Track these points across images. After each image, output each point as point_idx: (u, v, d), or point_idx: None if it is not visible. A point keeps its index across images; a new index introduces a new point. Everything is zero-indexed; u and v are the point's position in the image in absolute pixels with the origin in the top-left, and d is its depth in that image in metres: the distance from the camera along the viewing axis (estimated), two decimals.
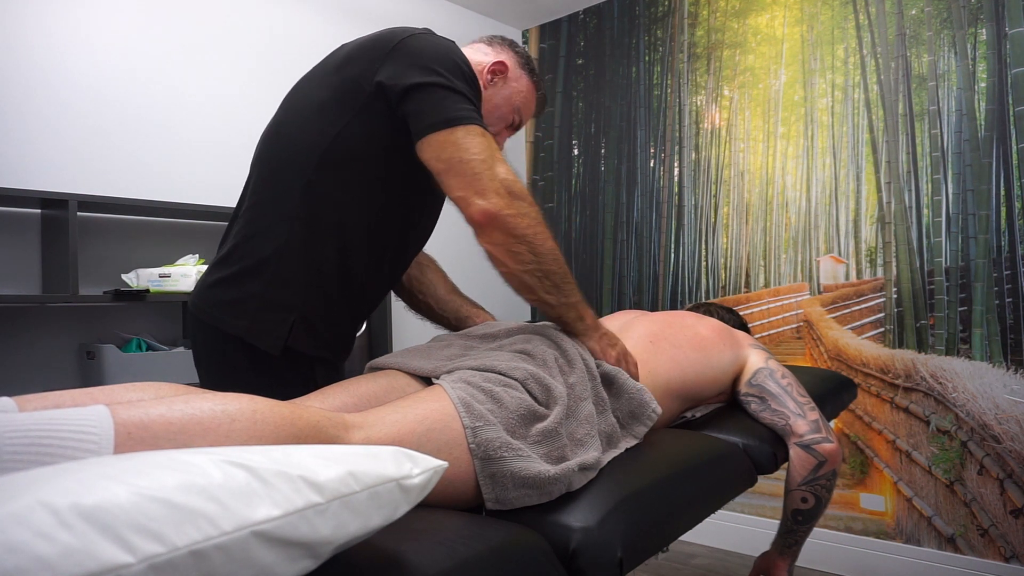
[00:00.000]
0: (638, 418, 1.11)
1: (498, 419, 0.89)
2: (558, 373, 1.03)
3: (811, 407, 1.33)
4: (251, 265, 1.16)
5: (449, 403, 0.89)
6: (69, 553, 0.44)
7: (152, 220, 2.26)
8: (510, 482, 0.87)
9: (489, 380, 0.95)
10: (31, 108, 2.01)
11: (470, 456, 0.86)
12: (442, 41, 1.17)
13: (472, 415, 0.88)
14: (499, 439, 0.87)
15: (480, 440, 0.86)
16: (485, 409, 0.89)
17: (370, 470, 0.63)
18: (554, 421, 0.94)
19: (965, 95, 2.35)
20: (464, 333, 1.25)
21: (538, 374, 0.99)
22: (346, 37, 2.83)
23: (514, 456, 0.87)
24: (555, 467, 0.90)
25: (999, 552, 2.25)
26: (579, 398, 1.02)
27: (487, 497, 0.87)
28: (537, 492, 0.89)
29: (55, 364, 2.04)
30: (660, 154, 3.10)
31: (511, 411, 0.91)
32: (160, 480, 0.51)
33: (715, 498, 1.13)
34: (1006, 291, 2.27)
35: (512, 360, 1.01)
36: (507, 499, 0.88)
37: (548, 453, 0.92)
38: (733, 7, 2.90)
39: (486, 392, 0.92)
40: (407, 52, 1.13)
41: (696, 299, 3.00)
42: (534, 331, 1.16)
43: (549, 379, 0.99)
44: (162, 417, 0.69)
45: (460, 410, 0.88)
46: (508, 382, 0.95)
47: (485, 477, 0.86)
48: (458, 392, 0.91)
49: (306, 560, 0.57)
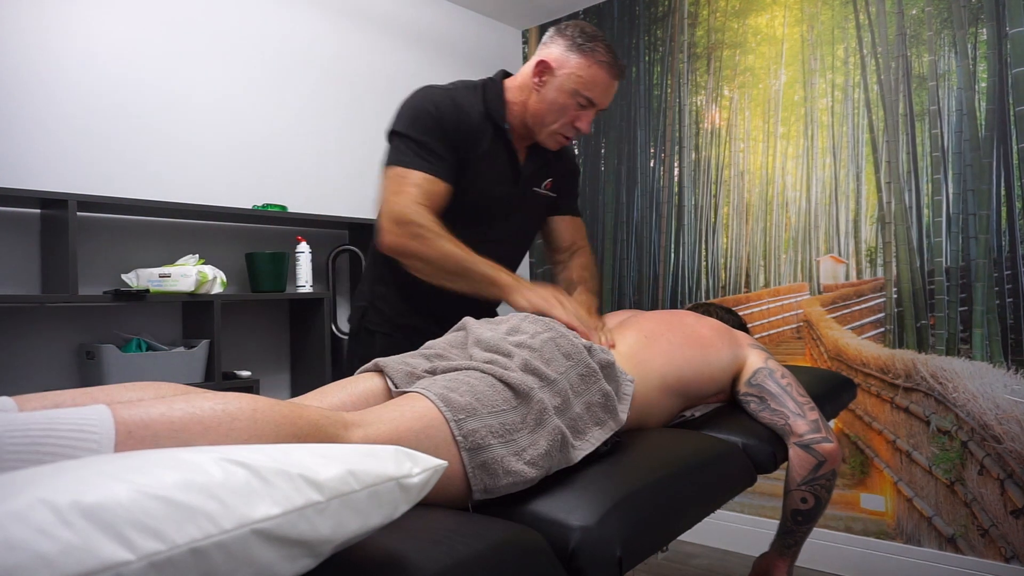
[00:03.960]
0: (611, 375, 1.12)
1: (483, 408, 0.91)
2: (540, 359, 1.05)
3: (811, 407, 1.33)
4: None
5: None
6: (69, 550, 0.44)
7: (152, 220, 2.26)
8: (500, 469, 0.88)
9: (469, 375, 0.97)
10: (31, 108, 2.01)
11: (458, 449, 0.87)
12: (425, 95, 1.44)
13: (453, 408, 0.89)
14: (484, 427, 0.89)
15: (465, 431, 0.87)
16: (465, 401, 0.90)
17: (370, 469, 0.63)
18: (538, 404, 0.96)
19: (965, 95, 2.35)
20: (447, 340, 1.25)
21: (527, 360, 1.01)
22: (346, 37, 2.83)
23: (500, 443, 0.89)
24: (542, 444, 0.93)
25: (999, 552, 2.25)
26: (560, 378, 1.04)
27: (476, 488, 0.88)
28: (523, 479, 0.90)
29: (55, 364, 2.04)
30: (660, 154, 3.10)
31: (492, 399, 0.93)
32: (160, 478, 0.51)
33: (715, 498, 1.13)
34: (1006, 291, 2.27)
35: (494, 348, 1.05)
36: (496, 487, 0.89)
37: (534, 435, 0.94)
38: (733, 7, 2.90)
39: (466, 384, 0.94)
40: (401, 104, 1.46)
41: (696, 299, 3.00)
42: (522, 319, 1.19)
43: (536, 362, 1.02)
44: (163, 416, 0.69)
45: (440, 405, 0.89)
46: (481, 376, 0.97)
47: (475, 467, 0.87)
48: (436, 389, 0.92)
49: (306, 559, 0.57)
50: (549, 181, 1.62)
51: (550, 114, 1.46)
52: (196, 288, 2.08)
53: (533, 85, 1.47)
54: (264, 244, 2.55)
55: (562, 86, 1.43)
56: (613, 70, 1.45)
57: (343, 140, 2.81)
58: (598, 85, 1.44)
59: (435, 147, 1.40)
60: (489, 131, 1.49)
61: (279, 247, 2.58)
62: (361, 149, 2.86)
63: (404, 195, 1.35)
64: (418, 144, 1.39)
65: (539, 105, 1.47)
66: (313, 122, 2.71)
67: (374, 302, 1.57)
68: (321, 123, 2.74)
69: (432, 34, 3.18)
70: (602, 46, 1.43)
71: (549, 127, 1.48)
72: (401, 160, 1.38)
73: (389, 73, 2.99)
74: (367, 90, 2.90)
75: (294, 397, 1.60)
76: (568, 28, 1.45)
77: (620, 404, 1.11)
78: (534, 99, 1.48)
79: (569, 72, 1.42)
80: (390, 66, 2.99)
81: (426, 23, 3.16)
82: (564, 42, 1.43)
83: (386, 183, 1.39)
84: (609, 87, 1.46)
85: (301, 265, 2.47)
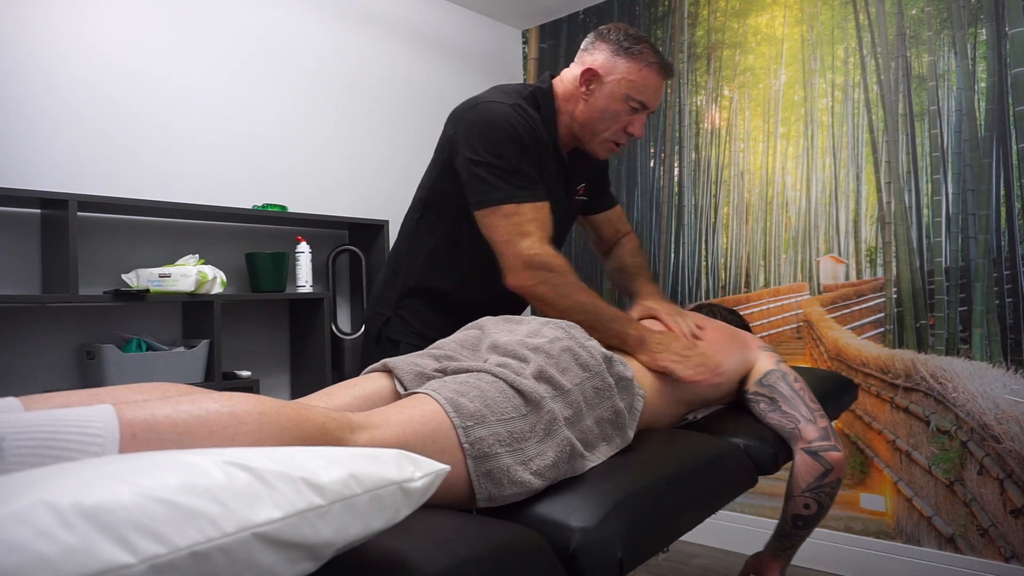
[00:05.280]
0: (626, 389, 1.11)
1: (492, 415, 0.90)
2: (554, 366, 1.03)
3: (821, 414, 1.32)
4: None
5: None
6: (70, 552, 0.44)
7: (152, 220, 2.26)
8: (505, 478, 0.87)
9: (480, 378, 0.95)
10: (31, 108, 2.01)
11: (463, 456, 0.86)
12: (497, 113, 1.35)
13: (461, 414, 0.88)
14: (492, 436, 0.88)
15: (472, 439, 0.87)
16: (474, 407, 0.89)
17: (372, 473, 0.63)
18: (548, 414, 0.95)
19: (965, 95, 2.35)
20: (458, 339, 1.24)
21: (542, 367, 1.00)
22: (346, 38, 2.83)
23: (507, 452, 0.88)
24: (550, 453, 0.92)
25: (999, 552, 2.25)
26: (575, 388, 1.03)
27: (480, 496, 0.87)
28: (528, 489, 0.89)
29: (55, 364, 2.04)
30: (660, 154, 3.10)
31: (502, 406, 0.92)
32: (162, 480, 0.51)
33: (716, 499, 1.13)
34: (1006, 291, 2.27)
35: (510, 353, 1.03)
36: (501, 496, 0.88)
37: (542, 444, 0.93)
38: (733, 7, 2.90)
39: (477, 389, 0.92)
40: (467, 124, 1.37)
41: (696, 299, 3.00)
42: (543, 323, 1.17)
43: (551, 371, 1.00)
44: (168, 418, 0.68)
45: (448, 410, 0.88)
46: (493, 380, 0.96)
47: (480, 475, 0.86)
48: (446, 392, 0.91)
49: (307, 562, 0.57)
50: (582, 186, 1.59)
51: (602, 122, 1.42)
52: (196, 288, 2.08)
53: (580, 95, 1.42)
54: (264, 244, 2.55)
55: (613, 93, 1.39)
56: (663, 71, 1.41)
57: (343, 140, 2.81)
58: (650, 88, 1.40)
59: (528, 169, 1.34)
60: (550, 145, 1.45)
61: (279, 247, 2.58)
62: (361, 149, 2.86)
63: (530, 236, 1.30)
64: (514, 171, 1.32)
65: (589, 114, 1.42)
66: (313, 122, 2.71)
67: (400, 312, 1.52)
68: (321, 123, 2.73)
69: (432, 34, 3.18)
70: (648, 47, 1.39)
71: (601, 135, 1.44)
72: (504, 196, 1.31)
73: (389, 73, 2.99)
74: (367, 90, 2.90)
75: (297, 397, 1.60)
76: (611, 32, 1.41)
77: (630, 421, 1.10)
78: (582, 108, 1.43)
79: (619, 78, 1.38)
80: (390, 66, 2.99)
81: (426, 23, 3.16)
82: (608, 47, 1.39)
83: (498, 224, 1.32)
84: (660, 88, 1.42)
85: (301, 265, 2.47)
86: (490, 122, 1.34)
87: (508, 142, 1.32)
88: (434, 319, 1.49)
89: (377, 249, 2.70)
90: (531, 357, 1.02)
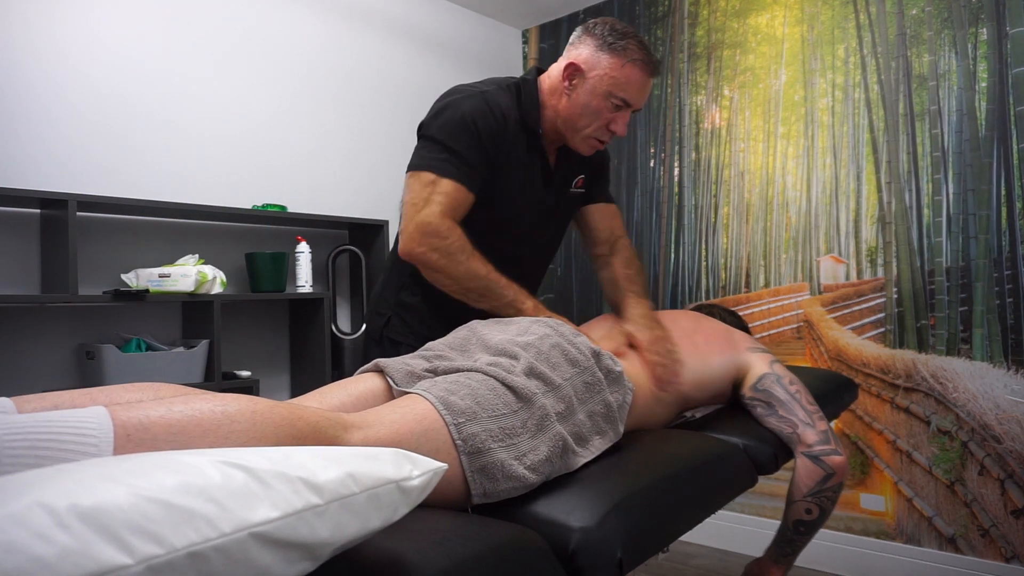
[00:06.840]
0: (616, 382, 1.11)
1: (484, 412, 0.90)
2: (545, 361, 1.04)
3: (820, 416, 1.30)
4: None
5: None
6: (67, 554, 0.44)
7: (152, 220, 2.26)
8: (500, 473, 0.87)
9: (471, 377, 0.96)
10: (31, 108, 2.01)
11: (457, 453, 0.87)
12: (459, 101, 1.38)
13: (452, 412, 0.88)
14: (484, 431, 0.88)
15: (465, 435, 0.87)
16: (465, 404, 0.90)
17: (369, 472, 0.63)
18: (540, 409, 0.96)
19: (966, 95, 2.34)
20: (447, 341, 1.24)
21: (532, 364, 1.01)
22: (348, 38, 2.83)
23: (501, 447, 0.88)
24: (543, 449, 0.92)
25: (1000, 552, 2.25)
26: (565, 383, 1.03)
27: (475, 492, 0.87)
28: (523, 483, 0.90)
29: (55, 364, 2.04)
30: (660, 154, 3.10)
31: (493, 403, 0.92)
32: (158, 481, 0.51)
33: (715, 498, 1.12)
34: (1007, 291, 2.26)
35: (501, 351, 1.04)
36: (496, 492, 0.88)
37: (536, 439, 0.93)
38: (733, 7, 2.90)
39: (467, 388, 0.93)
40: (433, 106, 1.42)
41: (696, 299, 3.00)
42: (532, 321, 1.18)
43: (541, 367, 1.01)
44: (162, 418, 0.68)
45: (439, 408, 0.88)
46: (484, 379, 0.96)
47: (474, 471, 0.87)
48: (436, 391, 0.91)
49: (305, 562, 0.57)
50: (580, 178, 1.57)
51: (583, 118, 1.40)
52: (196, 288, 2.08)
53: (563, 89, 1.40)
54: (264, 244, 2.55)
55: (594, 89, 1.36)
56: (648, 68, 1.36)
57: (343, 140, 2.81)
58: (632, 85, 1.36)
59: (468, 155, 1.34)
60: (524, 137, 1.43)
61: (279, 247, 2.58)
62: (361, 149, 2.86)
63: (433, 204, 1.30)
64: (451, 151, 1.33)
65: (571, 109, 1.40)
66: (313, 122, 2.71)
67: (399, 312, 1.52)
68: (321, 123, 2.73)
69: (432, 34, 3.18)
70: (634, 43, 1.35)
71: (582, 131, 1.42)
72: (432, 165, 1.33)
73: (389, 73, 2.99)
74: (367, 90, 2.90)
75: (294, 397, 1.60)
76: (597, 26, 1.37)
77: (621, 415, 1.10)
78: (565, 103, 1.41)
79: (601, 73, 1.35)
80: (390, 66, 2.99)
81: (426, 23, 3.16)
82: (593, 41, 1.36)
83: (414, 187, 1.33)
84: (644, 86, 1.38)
85: (301, 265, 2.47)
86: (450, 104, 1.38)
87: (460, 124, 1.35)
88: (434, 319, 1.49)
89: (377, 249, 2.70)
90: (521, 354, 1.03)
